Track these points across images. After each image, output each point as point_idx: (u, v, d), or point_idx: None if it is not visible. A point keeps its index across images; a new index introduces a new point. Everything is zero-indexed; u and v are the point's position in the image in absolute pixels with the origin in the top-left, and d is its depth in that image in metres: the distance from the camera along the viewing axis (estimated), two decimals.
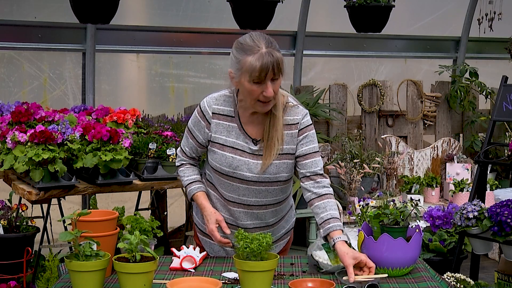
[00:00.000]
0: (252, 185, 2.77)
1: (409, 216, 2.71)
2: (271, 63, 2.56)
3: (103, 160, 3.76)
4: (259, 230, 2.84)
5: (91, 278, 2.31)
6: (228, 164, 2.75)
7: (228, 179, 2.78)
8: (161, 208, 4.95)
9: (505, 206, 3.65)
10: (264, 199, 2.81)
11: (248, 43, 2.60)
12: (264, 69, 2.55)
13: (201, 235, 2.99)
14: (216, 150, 2.77)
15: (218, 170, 2.78)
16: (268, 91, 2.59)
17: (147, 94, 5.81)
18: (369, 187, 5.52)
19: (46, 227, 4.23)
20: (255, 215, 2.84)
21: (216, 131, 2.76)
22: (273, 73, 2.58)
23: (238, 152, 2.75)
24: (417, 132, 6.25)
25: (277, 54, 2.59)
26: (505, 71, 5.14)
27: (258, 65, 2.55)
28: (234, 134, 2.76)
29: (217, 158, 2.76)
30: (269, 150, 2.72)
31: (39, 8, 5.15)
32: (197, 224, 3.01)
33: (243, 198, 2.80)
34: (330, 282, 2.38)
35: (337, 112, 5.86)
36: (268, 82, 2.59)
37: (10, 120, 4.09)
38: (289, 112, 2.77)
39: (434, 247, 4.63)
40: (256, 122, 2.75)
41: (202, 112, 2.79)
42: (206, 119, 2.77)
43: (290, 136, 2.76)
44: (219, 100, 2.78)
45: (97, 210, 2.80)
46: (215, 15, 5.67)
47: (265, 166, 2.72)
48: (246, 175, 2.75)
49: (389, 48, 6.37)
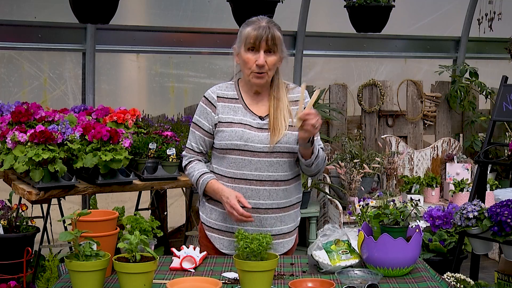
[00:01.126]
0: (263, 157, 2.85)
1: (409, 216, 2.71)
2: (265, 33, 2.80)
3: (103, 160, 3.76)
4: (271, 212, 2.90)
5: (91, 278, 2.31)
6: (239, 137, 2.84)
7: (240, 153, 2.85)
8: (161, 208, 4.95)
9: (505, 206, 3.65)
10: (276, 174, 2.88)
11: (252, 19, 2.89)
12: (258, 36, 2.80)
13: (210, 232, 2.99)
14: (225, 128, 2.87)
15: (228, 147, 2.85)
16: (260, 59, 2.81)
17: (147, 94, 5.81)
18: (369, 187, 5.52)
19: (46, 227, 4.23)
20: (267, 192, 2.88)
21: (222, 112, 2.90)
22: (267, 44, 2.81)
23: (247, 126, 2.87)
24: (417, 132, 6.26)
25: (275, 30, 2.84)
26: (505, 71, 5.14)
27: (254, 33, 2.82)
28: (241, 113, 2.90)
29: (227, 135, 2.86)
30: (275, 130, 2.86)
31: (39, 8, 5.15)
32: (205, 222, 3.01)
33: (255, 173, 2.86)
34: (330, 282, 2.38)
35: (337, 112, 5.86)
36: (261, 51, 2.81)
37: (10, 120, 4.09)
38: (292, 91, 2.98)
39: (434, 247, 4.63)
40: (260, 103, 2.93)
41: (207, 99, 2.94)
42: (212, 104, 2.92)
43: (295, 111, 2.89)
44: (222, 87, 2.97)
45: (97, 210, 2.80)
46: (215, 15, 5.67)
47: (276, 138, 2.85)
48: (258, 146, 2.84)
49: (389, 48, 6.37)
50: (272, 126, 2.86)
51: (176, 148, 4.18)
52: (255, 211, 2.88)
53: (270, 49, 2.83)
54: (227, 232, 2.95)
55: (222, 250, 2.96)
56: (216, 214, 2.95)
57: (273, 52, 2.84)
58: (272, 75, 2.89)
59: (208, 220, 2.99)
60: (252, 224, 2.88)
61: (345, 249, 2.71)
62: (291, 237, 3.02)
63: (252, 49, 2.83)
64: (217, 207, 2.94)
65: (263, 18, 2.88)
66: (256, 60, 2.82)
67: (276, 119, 2.87)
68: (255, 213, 2.88)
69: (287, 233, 2.99)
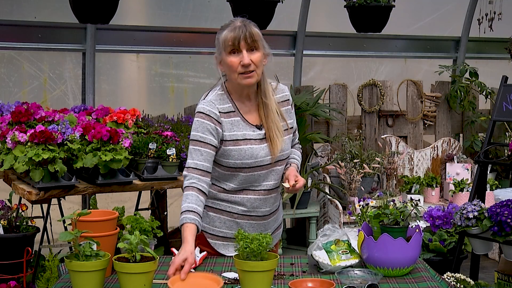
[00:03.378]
0: (270, 168, 2.86)
1: (409, 216, 2.71)
2: (243, 32, 2.72)
3: (103, 160, 3.76)
4: (272, 215, 2.95)
5: (91, 278, 2.31)
6: (249, 155, 2.80)
7: (251, 170, 2.82)
8: (161, 208, 4.95)
9: (505, 206, 3.65)
10: (278, 180, 2.91)
11: (226, 23, 2.81)
12: (236, 37, 2.72)
13: (213, 239, 2.92)
14: (231, 147, 2.80)
15: (239, 166, 2.81)
16: (244, 59, 2.72)
17: (147, 94, 5.81)
18: (369, 187, 5.52)
19: (46, 227, 4.23)
20: (273, 199, 2.92)
21: (226, 129, 2.81)
22: (246, 43, 2.73)
23: (251, 141, 2.82)
24: (417, 132, 6.26)
25: (251, 27, 2.76)
26: (505, 71, 5.14)
27: (230, 34, 2.73)
28: (240, 126, 2.83)
29: (235, 154, 2.79)
30: (273, 142, 2.83)
31: (39, 8, 5.15)
32: (207, 230, 2.91)
33: (264, 183, 2.86)
34: (330, 282, 2.38)
35: (337, 112, 5.86)
36: (243, 51, 2.73)
37: (10, 120, 4.09)
38: (276, 92, 2.93)
39: (434, 247, 4.63)
40: (252, 109, 2.87)
41: (208, 115, 2.78)
42: (215, 120, 2.79)
43: (286, 112, 2.92)
44: (217, 100, 2.83)
45: (97, 210, 2.80)
46: (215, 15, 5.67)
47: (276, 149, 2.84)
48: (267, 159, 2.83)
49: (389, 48, 6.37)
50: (269, 139, 2.83)
51: (176, 148, 4.18)
52: (261, 218, 2.91)
53: (251, 47, 2.74)
54: (233, 239, 2.83)
55: (228, 255, 2.93)
56: (220, 222, 2.90)
57: (255, 49, 2.75)
58: (260, 73, 2.80)
59: (211, 228, 2.92)
60: (257, 229, 2.90)
61: (345, 249, 2.71)
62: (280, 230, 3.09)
63: (234, 52, 2.74)
64: (220, 214, 2.90)
65: (237, 19, 2.79)
66: (241, 60, 2.72)
67: (271, 130, 2.83)
68: (262, 220, 2.91)
69: (277, 227, 3.06)
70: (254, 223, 2.90)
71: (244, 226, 2.89)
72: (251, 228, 2.89)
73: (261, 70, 2.80)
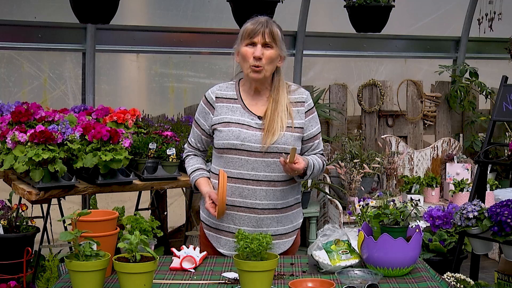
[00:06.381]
0: (260, 157, 2.87)
1: (409, 216, 2.71)
2: (263, 27, 2.85)
3: (103, 160, 3.76)
4: (268, 213, 2.91)
5: (91, 278, 2.31)
6: (235, 136, 2.86)
7: (237, 153, 2.87)
8: (161, 208, 4.95)
9: (505, 206, 3.65)
10: (273, 174, 2.89)
11: (252, 17, 2.94)
12: (255, 30, 2.85)
13: (208, 230, 3.02)
14: (222, 128, 2.90)
15: (226, 146, 2.87)
16: (257, 51, 2.83)
17: (147, 94, 5.82)
18: (369, 187, 5.52)
19: (46, 227, 4.23)
20: (264, 192, 2.89)
21: (220, 113, 2.92)
22: (264, 38, 2.84)
23: (244, 126, 2.89)
24: (417, 132, 6.26)
25: (273, 26, 2.88)
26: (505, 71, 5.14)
27: (251, 27, 2.87)
28: (239, 113, 2.92)
29: (224, 135, 2.88)
30: (269, 131, 2.86)
31: (39, 8, 5.15)
32: (203, 220, 3.05)
33: (252, 173, 2.87)
34: (330, 282, 2.38)
35: (337, 112, 5.86)
36: (258, 45, 2.84)
37: (10, 120, 4.09)
38: (293, 93, 2.98)
39: (434, 247, 4.63)
40: (260, 103, 2.94)
41: (206, 99, 2.97)
42: (210, 104, 2.95)
43: (297, 112, 2.95)
44: (222, 87, 2.99)
45: (97, 210, 2.80)
46: (215, 15, 5.68)
47: (269, 139, 2.85)
48: (255, 146, 2.86)
49: (389, 48, 6.37)
50: (266, 127, 2.87)
51: (176, 148, 4.18)
52: (251, 211, 2.90)
53: (267, 44, 2.86)
54: (223, 231, 2.96)
55: (219, 249, 2.97)
56: None
57: (270, 47, 2.86)
58: (270, 71, 2.89)
59: (206, 219, 3.03)
60: (249, 224, 2.90)
61: (345, 249, 2.71)
62: (288, 239, 3.01)
63: (251, 44, 2.86)
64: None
65: (263, 16, 2.92)
66: (254, 52, 2.84)
67: (272, 121, 2.87)
68: (252, 213, 2.90)
69: (283, 234, 2.99)
70: (245, 216, 2.90)
71: (235, 218, 2.91)
72: (241, 221, 2.90)
73: (272, 68, 2.90)
